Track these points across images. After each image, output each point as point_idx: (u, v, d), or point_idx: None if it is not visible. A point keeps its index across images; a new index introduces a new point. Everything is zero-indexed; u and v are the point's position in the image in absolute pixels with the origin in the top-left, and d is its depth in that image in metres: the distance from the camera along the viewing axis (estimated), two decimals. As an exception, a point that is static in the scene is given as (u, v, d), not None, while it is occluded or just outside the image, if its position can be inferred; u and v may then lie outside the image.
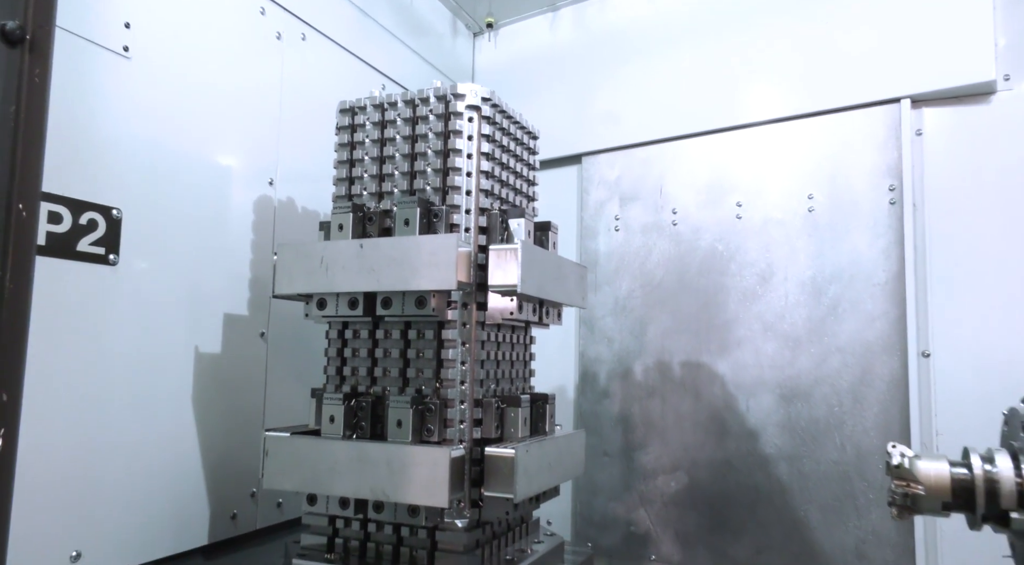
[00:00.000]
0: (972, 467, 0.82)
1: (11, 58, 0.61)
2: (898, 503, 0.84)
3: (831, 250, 2.15)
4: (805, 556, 2.09)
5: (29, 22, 0.62)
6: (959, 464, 0.83)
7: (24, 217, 0.60)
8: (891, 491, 0.85)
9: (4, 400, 0.61)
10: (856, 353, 2.07)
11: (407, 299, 1.41)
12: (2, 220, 0.59)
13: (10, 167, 0.60)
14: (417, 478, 1.31)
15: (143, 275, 1.55)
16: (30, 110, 0.61)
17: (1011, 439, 0.83)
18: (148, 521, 1.53)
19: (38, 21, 0.63)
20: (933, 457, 0.85)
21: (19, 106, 0.60)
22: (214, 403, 1.70)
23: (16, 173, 0.60)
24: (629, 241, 2.56)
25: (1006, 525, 0.79)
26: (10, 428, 0.62)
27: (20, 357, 0.63)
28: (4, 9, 0.62)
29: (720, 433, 2.28)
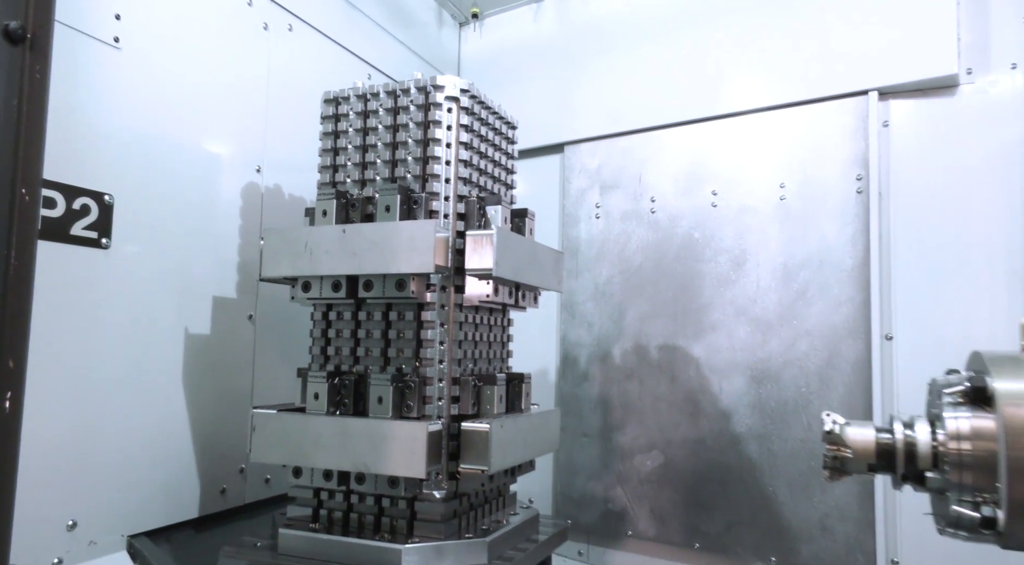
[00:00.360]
0: (894, 432, 0.90)
1: (13, 56, 0.67)
2: (829, 466, 0.92)
3: (801, 237, 2.23)
4: (773, 530, 2.18)
5: (30, 22, 0.68)
6: (883, 430, 0.91)
7: (27, 201, 0.67)
8: (824, 455, 0.93)
9: (11, 366, 0.68)
10: (823, 336, 2.16)
11: (388, 282, 1.47)
12: (7, 204, 0.66)
13: (13, 156, 0.66)
14: (396, 451, 1.38)
15: (134, 259, 1.61)
16: (31, 104, 0.67)
17: (931, 407, 0.91)
18: (140, 494, 1.60)
19: (38, 21, 0.69)
20: (861, 424, 0.93)
21: (21, 100, 0.67)
22: (203, 383, 1.76)
23: (19, 161, 0.66)
24: (609, 228, 2.63)
25: (923, 484, 0.88)
26: (16, 392, 0.69)
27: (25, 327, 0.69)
28: (6, 10, 0.67)
29: (694, 414, 2.37)
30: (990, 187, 2.00)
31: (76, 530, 1.44)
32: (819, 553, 2.10)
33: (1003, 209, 1.98)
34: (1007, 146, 1.98)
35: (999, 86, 2.00)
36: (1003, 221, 1.96)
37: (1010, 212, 1.97)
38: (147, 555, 1.55)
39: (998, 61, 2.00)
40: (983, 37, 2.02)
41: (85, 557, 1.46)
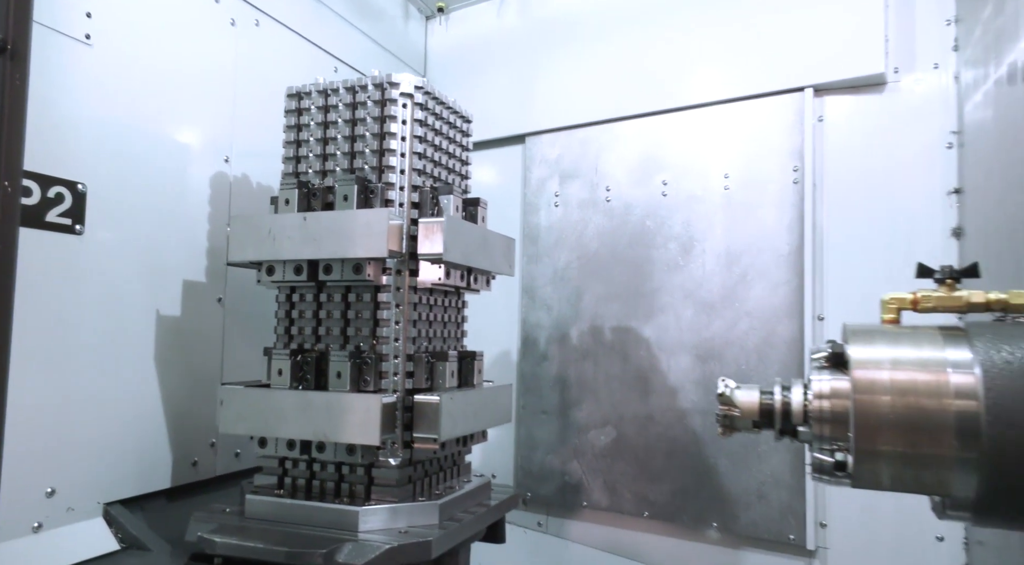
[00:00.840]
0: (774, 394, 1.04)
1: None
2: (722, 423, 1.06)
3: (743, 224, 2.37)
4: (715, 498, 2.34)
5: (10, 34, 0.78)
6: (766, 392, 1.05)
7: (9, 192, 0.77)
8: (716, 414, 1.07)
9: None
10: (762, 317, 2.31)
11: (346, 266, 1.59)
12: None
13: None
14: (353, 421, 1.51)
15: (107, 244, 1.71)
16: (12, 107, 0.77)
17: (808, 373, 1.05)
18: (115, 465, 1.71)
19: (17, 33, 0.79)
20: (748, 387, 1.07)
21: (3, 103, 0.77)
22: (174, 362, 1.87)
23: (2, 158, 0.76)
24: (567, 216, 2.76)
25: (796, 437, 1.02)
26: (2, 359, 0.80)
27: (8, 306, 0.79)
28: (-12, 25, 0.78)
29: (644, 391, 2.52)
30: (915, 178, 2.15)
31: (54, 497, 1.55)
32: (756, 518, 2.26)
33: (926, 198, 2.13)
34: (930, 140, 2.13)
35: (923, 84, 2.15)
36: (926, 209, 2.12)
37: (932, 201, 2.12)
38: (122, 521, 1.66)
39: (922, 61, 2.15)
40: (909, 38, 2.17)
41: (63, 522, 1.57)
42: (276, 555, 1.41)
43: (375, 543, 1.44)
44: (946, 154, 2.11)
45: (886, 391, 0.90)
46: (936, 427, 0.87)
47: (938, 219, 2.10)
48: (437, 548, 1.49)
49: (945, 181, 2.10)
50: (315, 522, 1.56)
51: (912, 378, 0.90)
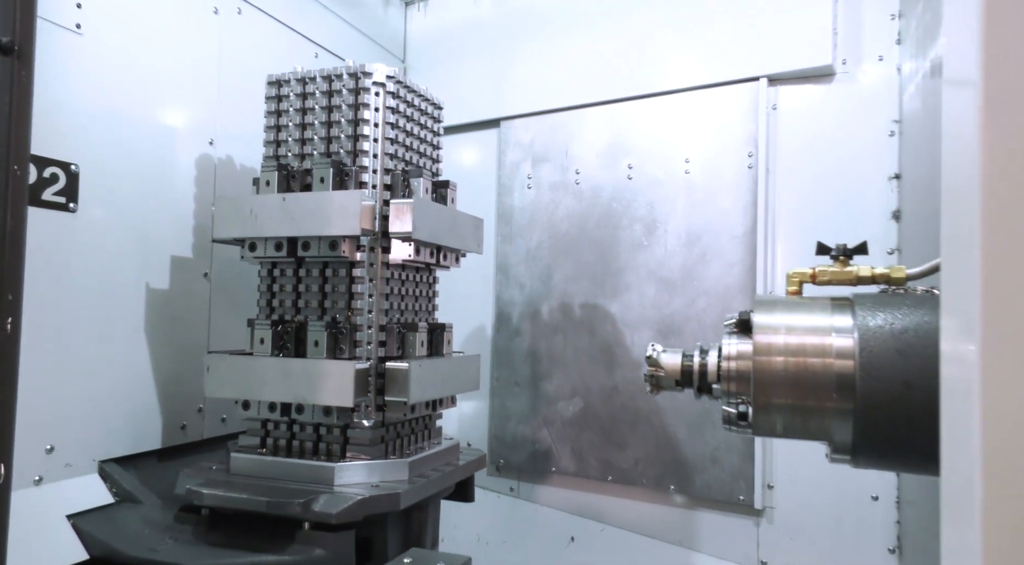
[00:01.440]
0: (694, 357, 1.18)
1: (4, 64, 0.88)
2: (649, 382, 1.21)
3: (702, 207, 2.52)
4: (673, 463, 2.51)
5: (17, 36, 0.90)
6: (687, 356, 1.20)
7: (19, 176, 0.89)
8: (644, 374, 1.21)
9: (10, 299, 0.92)
10: (718, 295, 2.46)
11: (323, 243, 1.72)
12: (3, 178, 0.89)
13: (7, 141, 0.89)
14: (329, 385, 1.65)
15: (99, 221, 1.83)
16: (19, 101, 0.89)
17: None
18: (109, 426, 1.84)
19: (23, 35, 0.91)
20: (673, 351, 1.21)
21: (11, 98, 0.89)
22: (164, 332, 2.00)
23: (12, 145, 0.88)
24: (539, 198, 2.89)
25: (711, 394, 1.16)
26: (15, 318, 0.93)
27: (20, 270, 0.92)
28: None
29: (610, 364, 2.67)
30: (861, 165, 2.30)
31: (53, 454, 1.69)
32: (710, 481, 2.43)
33: (871, 184, 2.28)
34: (874, 128, 2.28)
35: (869, 76, 2.29)
36: (869, 193, 2.27)
37: (875, 186, 2.27)
38: (116, 477, 1.80)
39: (868, 53, 2.29)
40: (856, 32, 2.30)
41: (62, 477, 1.71)
42: (258, 505, 1.56)
43: (347, 495, 1.59)
44: (888, 142, 2.25)
45: (780, 352, 1.05)
46: (820, 383, 1.02)
47: (880, 203, 2.25)
48: (405, 500, 1.64)
49: (887, 167, 2.25)
50: (294, 477, 1.70)
51: (801, 341, 1.05)
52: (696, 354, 1.18)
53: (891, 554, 2.18)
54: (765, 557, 2.33)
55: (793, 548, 2.30)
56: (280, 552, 1.56)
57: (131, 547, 1.62)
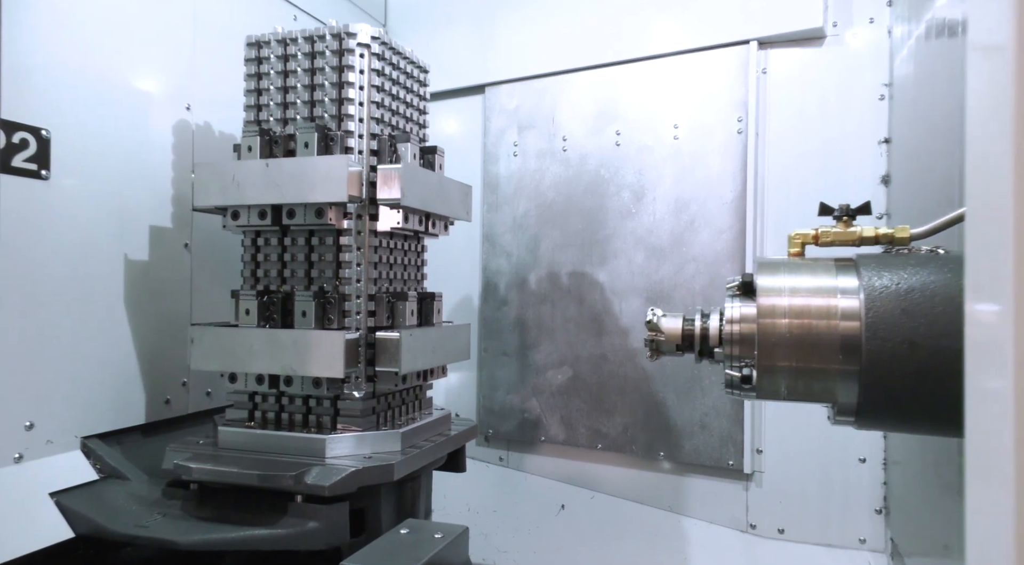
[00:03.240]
0: (695, 321, 1.17)
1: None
2: (649, 347, 1.19)
3: (691, 174, 2.49)
4: (662, 429, 2.51)
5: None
6: (688, 320, 1.18)
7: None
8: (644, 339, 1.19)
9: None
10: (707, 261, 2.45)
11: (308, 211, 1.67)
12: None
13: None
14: (318, 356, 1.61)
15: (73, 190, 1.76)
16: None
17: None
18: (91, 401, 1.79)
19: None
20: (673, 315, 1.20)
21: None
22: (144, 305, 1.94)
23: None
24: (526, 165, 2.85)
25: (712, 358, 1.15)
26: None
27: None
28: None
29: (598, 332, 2.66)
30: (851, 128, 2.28)
31: (34, 430, 1.64)
32: (699, 446, 2.44)
33: (862, 148, 2.26)
34: (864, 92, 2.26)
35: (859, 38, 2.26)
36: (859, 158, 2.25)
37: (867, 150, 2.25)
38: (100, 453, 1.76)
39: (859, 15, 2.26)
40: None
41: (43, 454, 1.66)
42: (249, 478, 1.53)
43: (341, 466, 1.56)
44: (878, 105, 2.23)
45: (784, 314, 1.03)
46: (825, 345, 1.01)
47: (869, 167, 2.24)
48: (399, 471, 1.62)
49: (876, 131, 2.23)
50: (285, 450, 1.67)
51: (806, 303, 1.03)
52: (697, 318, 1.17)
53: (878, 514, 2.21)
54: (754, 520, 2.36)
55: (782, 511, 2.33)
56: (272, 525, 1.54)
57: (118, 523, 1.59)
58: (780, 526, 2.32)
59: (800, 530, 2.30)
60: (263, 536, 1.53)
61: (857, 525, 2.24)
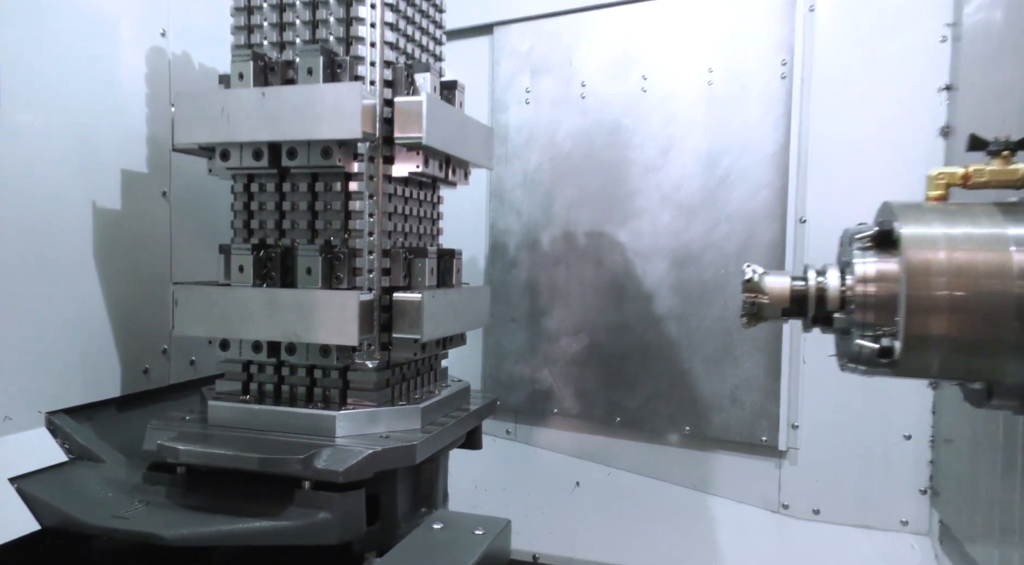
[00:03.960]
0: (807, 279, 0.96)
1: None
2: (747, 312, 0.98)
3: (726, 123, 2.26)
4: (687, 402, 2.33)
5: None
6: (798, 278, 0.97)
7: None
8: (743, 302, 0.98)
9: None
10: (742, 220, 2.24)
11: (312, 150, 1.42)
12: None
13: None
14: (327, 320, 1.38)
15: (30, 128, 1.49)
16: None
17: (842, 256, 0.97)
18: (56, 372, 1.54)
19: None
20: (777, 273, 0.99)
21: None
22: (117, 261, 1.68)
23: None
24: (539, 114, 2.59)
25: (830, 325, 0.94)
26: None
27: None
28: None
29: (618, 297, 2.45)
30: (908, 73, 2.06)
31: (-13, 405, 1.39)
32: (728, 421, 2.26)
33: (919, 96, 2.05)
34: (924, 33, 2.03)
35: (921, -28, 2.03)
36: (919, 108, 2.04)
37: (925, 99, 2.04)
38: (68, 431, 1.52)
39: (923, -54, 2.02)
40: (910, -80, 2.03)
41: (1, 432, 1.42)
42: (248, 462, 1.30)
43: (355, 448, 1.34)
44: (939, 48, 2.02)
45: (942, 272, 0.82)
46: (996, 310, 0.80)
47: (927, 117, 2.03)
48: (421, 453, 1.41)
49: (936, 77, 2.02)
50: (287, 428, 1.45)
51: (971, 258, 0.82)
52: (811, 275, 0.95)
53: (922, 495, 2.06)
54: (787, 500, 2.19)
55: (817, 490, 2.16)
56: (276, 516, 1.32)
57: (92, 514, 1.35)
58: (815, 506, 2.16)
59: (837, 511, 2.14)
60: (265, 529, 1.31)
61: (899, 506, 2.08)
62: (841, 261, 0.96)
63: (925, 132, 2.03)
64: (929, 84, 2.03)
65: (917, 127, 2.04)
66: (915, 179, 2.00)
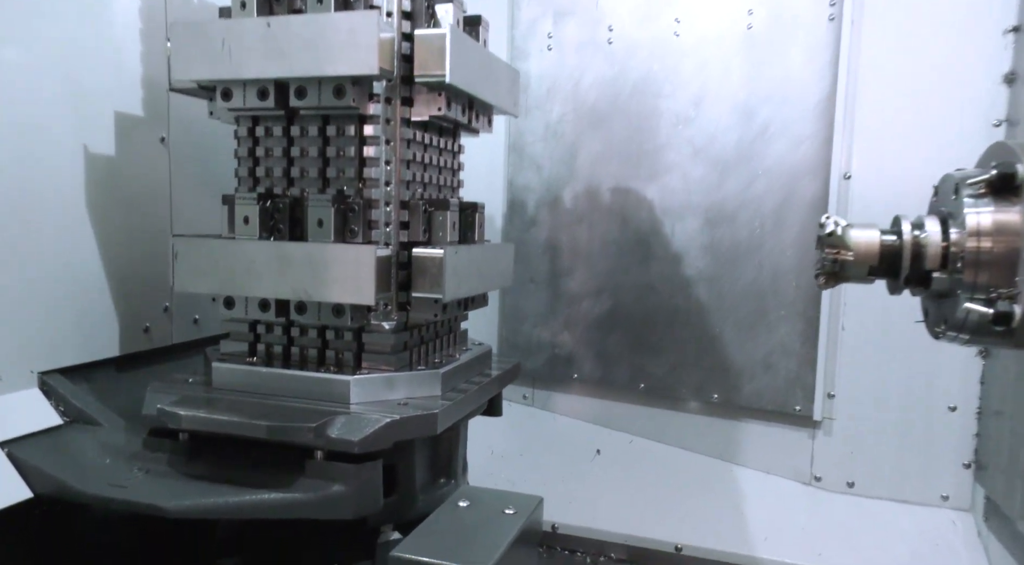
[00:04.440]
0: (902, 233, 0.82)
1: None
2: (826, 271, 0.85)
3: (767, 70, 2.10)
4: (716, 369, 2.21)
5: None
6: (889, 231, 0.84)
7: None
8: (820, 260, 0.85)
9: None
10: (781, 176, 2.10)
11: (324, 88, 1.28)
12: None
13: None
14: (341, 277, 1.25)
15: (13, 66, 1.35)
16: None
17: (940, 206, 0.84)
18: (49, 330, 1.43)
19: None
20: (865, 225, 0.85)
21: None
22: (112, 212, 1.56)
23: None
24: (562, 62, 2.43)
25: (926, 286, 0.81)
26: None
27: None
28: None
29: (644, 258, 2.32)
30: (970, 13, 1.89)
31: (-26, 365, 1.29)
32: (760, 389, 2.15)
33: (981, 38, 1.88)
34: (990, -29, 1.86)
35: (991, -99, 1.85)
36: (980, 52, 1.88)
37: (988, 42, 1.87)
38: (63, 392, 1.41)
39: None
40: None
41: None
42: (256, 430, 1.19)
43: (372, 416, 1.23)
44: (1007, -13, 1.84)
45: (1079, 222, 0.69)
46: None
47: (990, 61, 1.87)
48: (443, 421, 1.29)
49: (1002, 17, 1.85)
50: (297, 393, 1.33)
51: (1116, 204, 0.69)
52: (905, 228, 0.82)
53: (966, 469, 1.95)
54: (820, 472, 2.09)
55: (853, 463, 2.06)
56: (286, 488, 1.22)
57: (89, 483, 1.25)
58: (849, 479, 2.06)
59: (873, 484, 2.04)
60: (274, 502, 1.21)
61: (940, 480, 1.98)
62: (940, 211, 0.82)
63: (987, 79, 1.87)
64: (993, 25, 1.86)
65: (978, 73, 1.88)
66: (975, 131, 1.88)
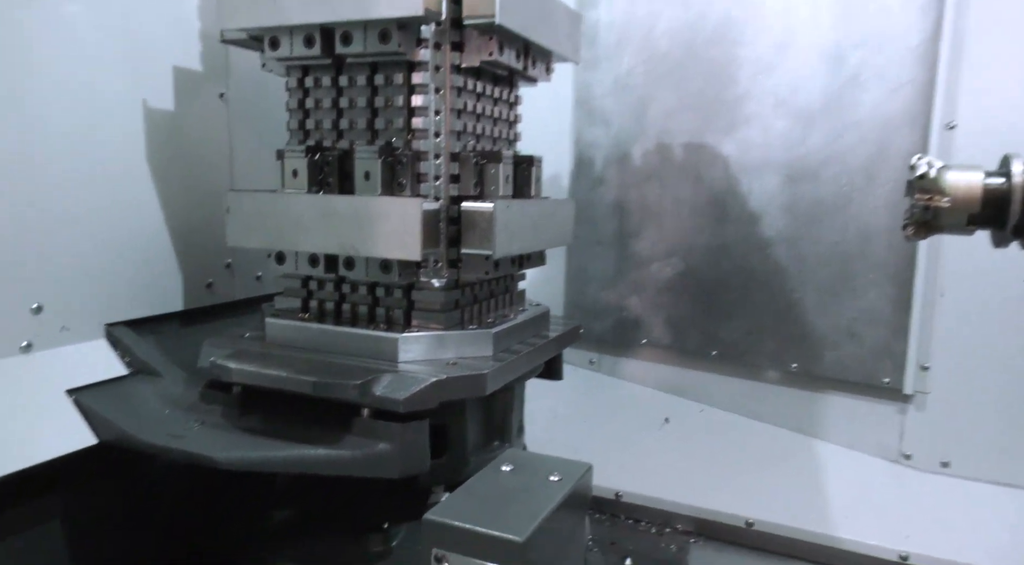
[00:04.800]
0: (1011, 174, 0.69)
1: None
2: (916, 219, 0.73)
3: (859, 10, 1.90)
4: (795, 336, 2.07)
5: None
6: (996, 173, 0.71)
7: None
8: (910, 208, 0.74)
9: None
10: (874, 127, 1.91)
11: (369, 33, 1.22)
12: None
13: None
14: (387, 231, 1.21)
15: (73, 20, 1.36)
16: None
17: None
18: (115, 284, 1.47)
19: None
20: (964, 166, 0.73)
21: None
22: (173, 168, 1.57)
23: None
24: (633, 8, 2.29)
25: (1037, 235, 0.69)
26: None
27: None
28: None
29: (719, 217, 2.19)
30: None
31: (42, 314, 1.32)
32: (843, 359, 2.00)
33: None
34: None
35: None
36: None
37: (1123, -30, 1.62)
38: (128, 344, 1.45)
39: None
40: None
41: (58, 343, 1.35)
42: (302, 385, 1.18)
43: (418, 375, 1.19)
44: None
45: None
46: None
47: None
48: (492, 383, 1.24)
49: None
50: (346, 350, 1.31)
51: None
52: (1016, 169, 0.69)
53: (1079, 451, 1.75)
54: (910, 450, 1.94)
55: (948, 440, 1.89)
56: (332, 444, 1.20)
57: (149, 432, 1.28)
58: (944, 459, 1.90)
59: (969, 464, 1.87)
60: (319, 457, 1.20)
61: (1048, 462, 1.79)
62: (1059, 147, 0.69)
63: None
64: None
65: (1116, 4, 1.63)
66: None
